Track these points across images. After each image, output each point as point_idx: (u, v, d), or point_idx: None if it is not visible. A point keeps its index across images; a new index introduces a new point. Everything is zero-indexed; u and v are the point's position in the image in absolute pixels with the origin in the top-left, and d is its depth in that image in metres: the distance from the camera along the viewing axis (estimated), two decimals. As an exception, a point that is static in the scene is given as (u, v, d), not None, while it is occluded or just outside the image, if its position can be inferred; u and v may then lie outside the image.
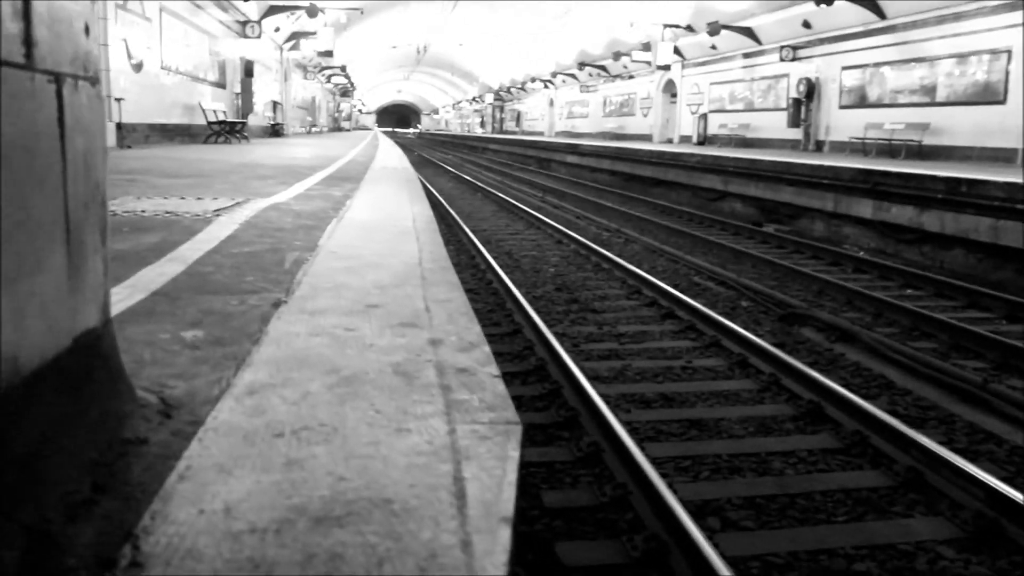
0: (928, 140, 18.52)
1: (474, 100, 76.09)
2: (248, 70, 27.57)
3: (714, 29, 26.25)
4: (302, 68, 41.09)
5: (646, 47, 32.68)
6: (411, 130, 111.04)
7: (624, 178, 23.26)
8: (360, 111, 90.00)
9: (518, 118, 63.44)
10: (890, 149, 19.35)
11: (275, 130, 32.20)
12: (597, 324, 6.99)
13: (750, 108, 27.91)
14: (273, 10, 26.82)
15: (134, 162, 10.80)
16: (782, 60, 24.74)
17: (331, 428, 1.61)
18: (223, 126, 21.49)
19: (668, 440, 4.50)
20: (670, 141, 33.74)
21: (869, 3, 19.88)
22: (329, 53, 33.32)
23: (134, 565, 1.13)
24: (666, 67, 32.13)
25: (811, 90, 23.57)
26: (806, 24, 23.23)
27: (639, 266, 9.53)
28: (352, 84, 61.10)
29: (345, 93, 64.99)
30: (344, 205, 6.14)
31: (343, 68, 49.58)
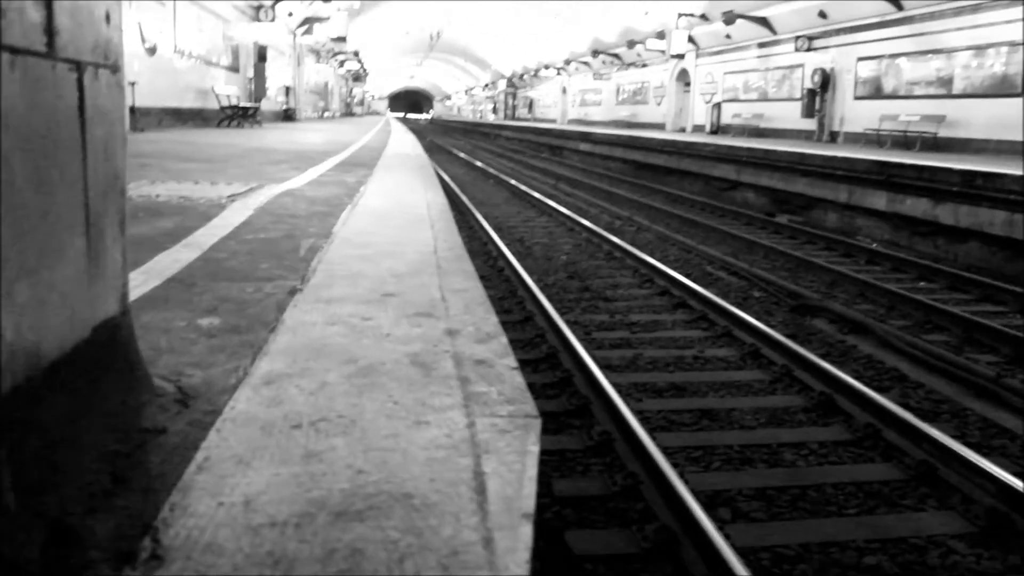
0: (943, 132, 18.38)
1: (486, 87, 75.86)
2: (261, 55, 27.55)
3: (729, 18, 26.07)
4: (315, 53, 41.02)
5: (660, 35, 32.47)
6: (423, 116, 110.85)
7: (636, 166, 23.19)
8: (372, 97, 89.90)
9: (530, 105, 63.22)
10: (905, 141, 19.21)
11: (287, 115, 32.22)
12: (609, 312, 6.99)
13: (764, 98, 27.73)
14: (287, -6, 26.78)
15: (147, 146, 10.82)
16: (797, 50, 24.55)
17: (349, 420, 1.60)
18: (236, 110, 21.49)
19: (679, 430, 4.50)
20: (683, 130, 33.59)
21: (886, -7, 19.72)
22: (342, 38, 33.26)
23: (154, 558, 1.13)
24: (680, 56, 31.95)
25: (826, 81, 23.40)
26: (822, 14, 23.05)
27: (651, 255, 9.50)
28: (364, 69, 60.97)
29: (357, 78, 64.85)
30: (358, 192, 6.14)
31: (356, 53, 49.48)
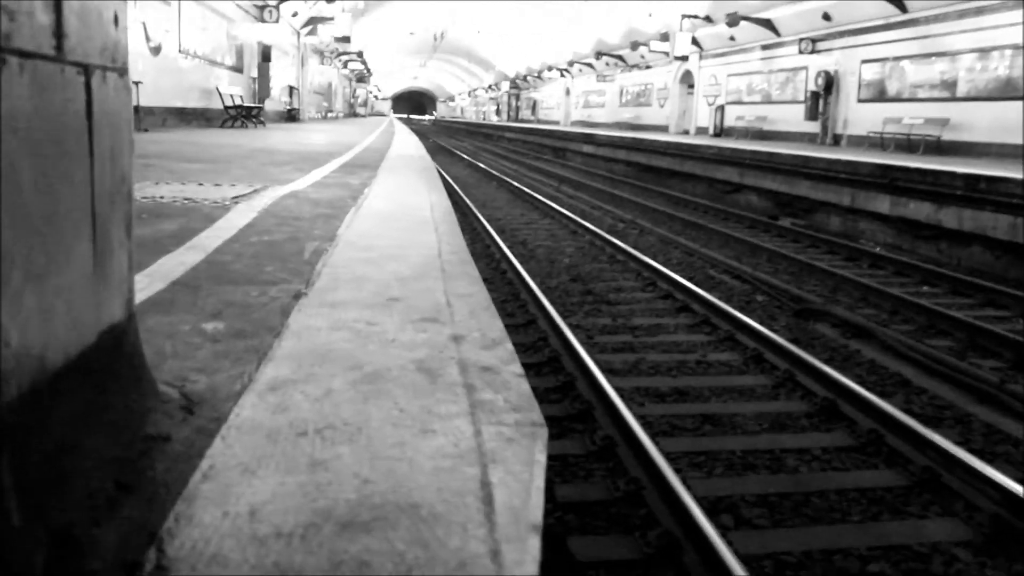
0: (947, 135, 18.36)
1: (490, 88, 75.88)
2: (265, 55, 27.57)
3: (733, 20, 26.07)
4: (319, 53, 41.07)
5: (664, 37, 32.50)
6: (426, 117, 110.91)
7: (640, 168, 23.19)
8: (376, 97, 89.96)
9: (534, 107, 63.24)
10: (908, 144, 19.20)
11: (291, 115, 32.24)
12: (612, 316, 6.98)
13: (768, 100, 27.73)
14: (291, -6, 26.81)
15: (152, 146, 10.83)
16: (801, 52, 24.54)
17: (355, 427, 1.59)
18: (240, 110, 21.51)
19: (682, 435, 4.49)
20: (686, 132, 33.59)
21: (891, -4, 19.72)
22: (346, 39, 33.36)
23: (159, 569, 1.12)
24: (684, 58, 31.98)
25: (829, 83, 23.40)
26: (826, 16, 23.05)
27: (654, 258, 9.50)
28: (368, 70, 61.05)
29: (361, 79, 64.92)
30: (362, 194, 6.14)
31: (360, 54, 49.53)
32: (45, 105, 1.26)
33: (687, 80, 34.69)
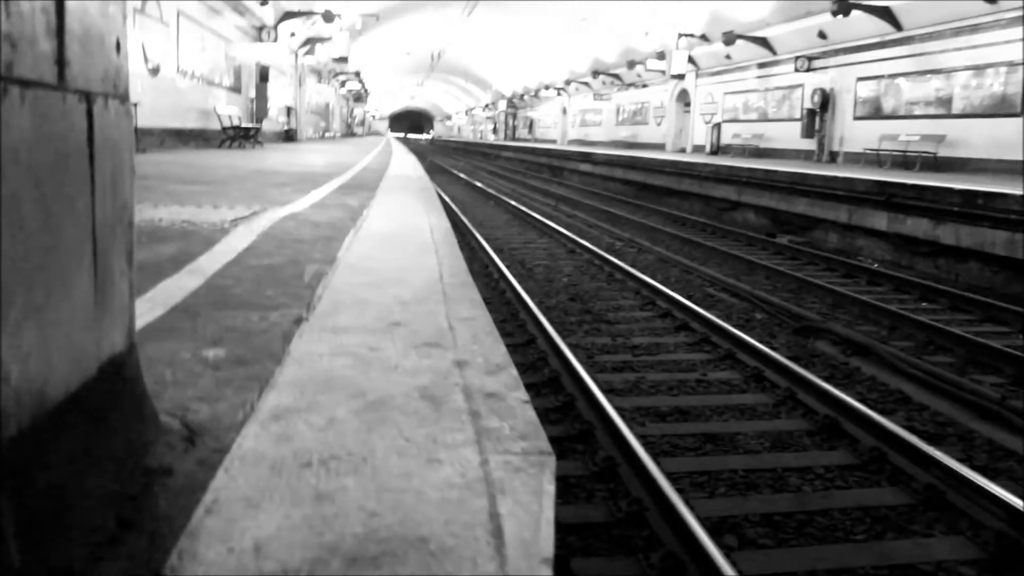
0: (943, 152, 18.42)
1: (487, 107, 76.14)
2: (263, 75, 27.65)
3: (729, 39, 26.21)
4: (316, 73, 41.20)
5: (660, 56, 32.62)
6: (424, 136, 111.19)
7: (637, 187, 23.24)
8: (373, 117, 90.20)
9: (531, 125, 63.41)
10: (905, 161, 19.26)
11: (288, 135, 32.30)
12: (611, 335, 6.97)
13: (764, 118, 27.83)
14: (289, 15, 26.90)
15: (150, 167, 10.83)
16: (797, 70, 24.63)
17: (360, 458, 1.56)
18: (237, 131, 21.54)
19: (684, 455, 4.48)
20: (683, 150, 33.67)
21: (885, 14, 19.82)
22: (344, 59, 33.48)
23: None
24: (680, 76, 32.10)
25: (826, 101, 23.49)
26: (822, 34, 23.16)
27: (652, 276, 9.50)
28: (366, 90, 61.24)
29: (358, 98, 65.11)
30: (361, 215, 6.14)
31: (357, 73, 49.70)
32: (46, 135, 1.24)
33: (683, 98, 34.84)
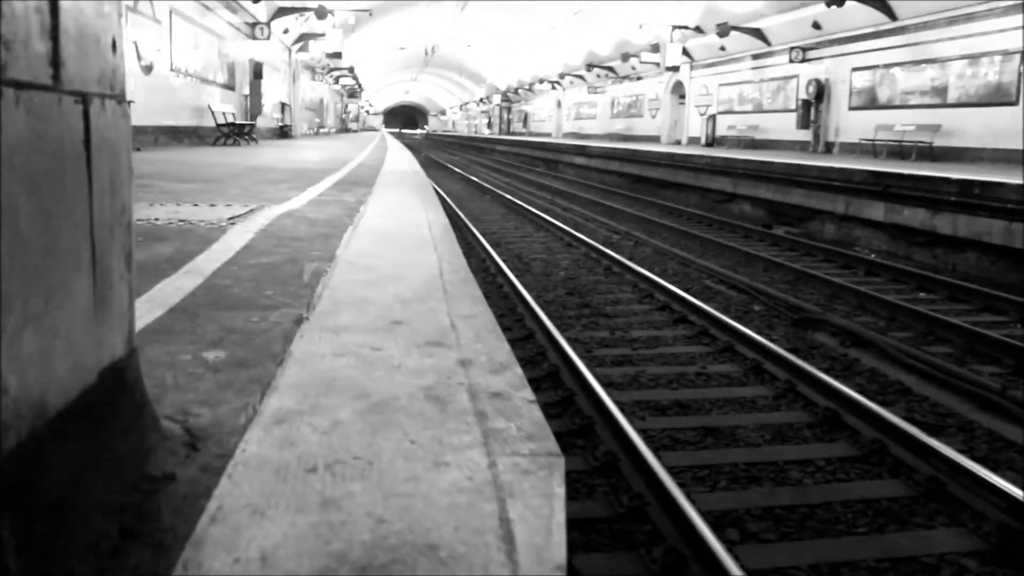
0: (939, 142, 18.42)
1: (481, 101, 76.03)
2: (257, 72, 27.58)
3: (723, 30, 26.18)
4: (310, 69, 41.11)
5: (655, 48, 32.59)
6: (418, 131, 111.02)
7: (633, 180, 23.21)
8: (367, 112, 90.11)
9: (525, 119, 63.35)
10: (900, 151, 19.26)
11: (283, 131, 32.23)
12: (609, 329, 6.96)
13: (759, 109, 27.82)
14: (282, 12, 26.84)
15: (145, 165, 10.79)
16: (791, 61, 24.63)
17: (366, 462, 1.53)
18: (232, 128, 21.49)
19: (684, 448, 4.47)
20: (678, 142, 33.66)
21: (880, 4, 19.80)
22: (337, 55, 33.45)
23: None
24: (675, 68, 32.07)
25: (821, 91, 23.48)
26: (816, 25, 23.14)
27: (650, 269, 9.49)
28: (360, 85, 61.15)
29: (353, 94, 65.01)
30: (358, 211, 6.11)
31: (351, 69, 49.60)
32: (42, 137, 1.22)
33: (678, 90, 34.80)
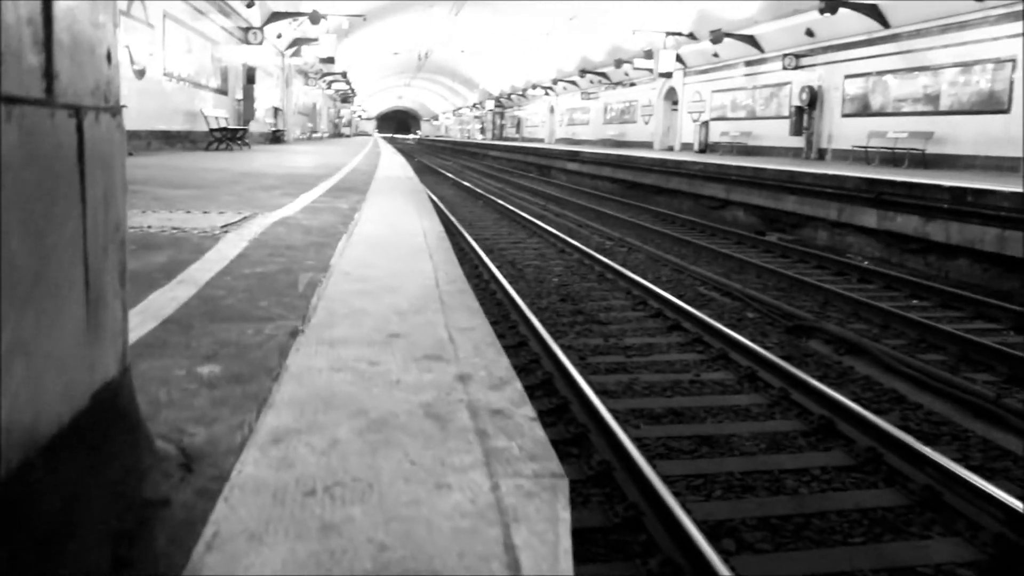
0: (932, 149, 18.48)
1: (474, 106, 76.10)
2: (250, 76, 27.53)
3: (717, 37, 26.24)
4: (303, 74, 41.07)
5: (648, 54, 32.66)
6: (411, 136, 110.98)
7: (626, 186, 23.24)
8: (360, 117, 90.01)
9: (518, 125, 63.39)
10: (893, 158, 19.31)
11: (276, 136, 32.17)
12: (603, 336, 6.95)
13: (752, 116, 27.88)
14: (275, 16, 26.83)
15: (137, 171, 10.74)
16: (785, 68, 24.70)
17: (366, 484, 1.49)
18: (225, 133, 21.43)
19: (679, 457, 4.46)
20: (671, 149, 33.72)
21: (873, 12, 19.87)
22: (331, 59, 33.38)
23: None
24: (668, 74, 32.16)
25: (813, 98, 23.55)
26: (809, 32, 23.22)
27: (643, 276, 9.49)
28: (353, 90, 61.12)
29: (346, 99, 64.98)
30: (352, 219, 6.09)
31: (344, 74, 49.56)
32: (34, 153, 1.17)
33: (671, 97, 34.87)
